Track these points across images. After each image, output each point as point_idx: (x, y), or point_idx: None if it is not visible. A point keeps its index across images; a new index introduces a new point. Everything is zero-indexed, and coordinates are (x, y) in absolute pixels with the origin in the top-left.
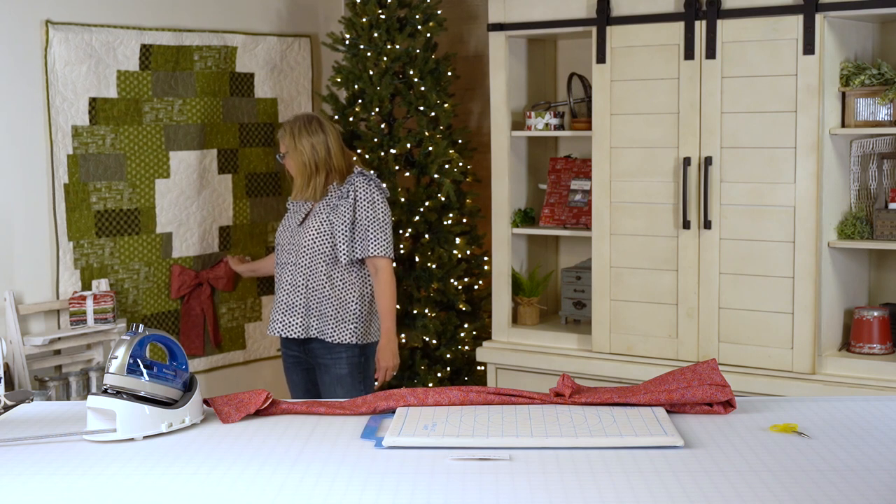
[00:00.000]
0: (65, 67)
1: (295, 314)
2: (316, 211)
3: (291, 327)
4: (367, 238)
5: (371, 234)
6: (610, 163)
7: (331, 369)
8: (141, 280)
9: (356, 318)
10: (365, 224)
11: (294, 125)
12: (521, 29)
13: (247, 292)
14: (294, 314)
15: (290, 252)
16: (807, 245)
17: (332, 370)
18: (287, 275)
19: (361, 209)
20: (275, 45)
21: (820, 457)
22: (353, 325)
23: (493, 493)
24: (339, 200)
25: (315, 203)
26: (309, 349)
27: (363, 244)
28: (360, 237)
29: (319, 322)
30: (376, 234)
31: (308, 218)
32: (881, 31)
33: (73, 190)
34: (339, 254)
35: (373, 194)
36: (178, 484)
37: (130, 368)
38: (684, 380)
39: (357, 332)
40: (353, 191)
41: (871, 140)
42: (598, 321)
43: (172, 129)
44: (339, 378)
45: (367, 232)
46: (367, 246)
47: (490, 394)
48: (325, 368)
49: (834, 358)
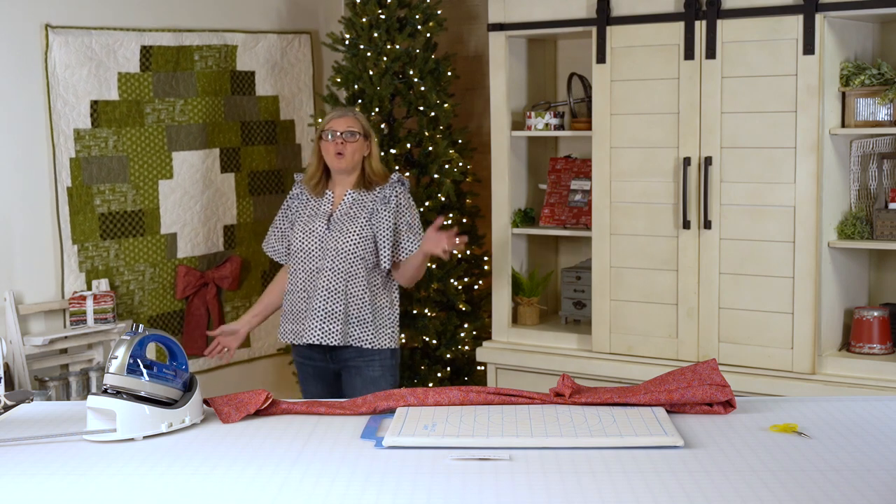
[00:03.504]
0: (65, 71)
1: (334, 321)
2: (346, 214)
3: (331, 335)
4: (411, 242)
5: (413, 238)
6: (610, 163)
7: (363, 371)
8: (146, 281)
9: (391, 322)
10: (405, 229)
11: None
12: (521, 29)
13: (251, 291)
14: (334, 321)
15: (322, 257)
16: (807, 245)
17: (365, 372)
18: (323, 281)
19: (403, 215)
20: (275, 43)
21: (820, 457)
22: (390, 329)
23: (493, 493)
24: (379, 205)
25: (334, 205)
26: (337, 355)
27: (406, 247)
28: (404, 241)
29: (359, 329)
30: (417, 237)
31: (338, 221)
32: (881, 31)
33: (77, 193)
34: (381, 259)
35: (410, 200)
36: (178, 484)
37: (130, 368)
38: (684, 380)
39: (392, 336)
40: (394, 196)
41: (871, 140)
42: (598, 321)
43: (174, 129)
44: (373, 380)
45: (409, 236)
46: (411, 249)
47: (490, 394)
48: (355, 371)
49: (834, 358)
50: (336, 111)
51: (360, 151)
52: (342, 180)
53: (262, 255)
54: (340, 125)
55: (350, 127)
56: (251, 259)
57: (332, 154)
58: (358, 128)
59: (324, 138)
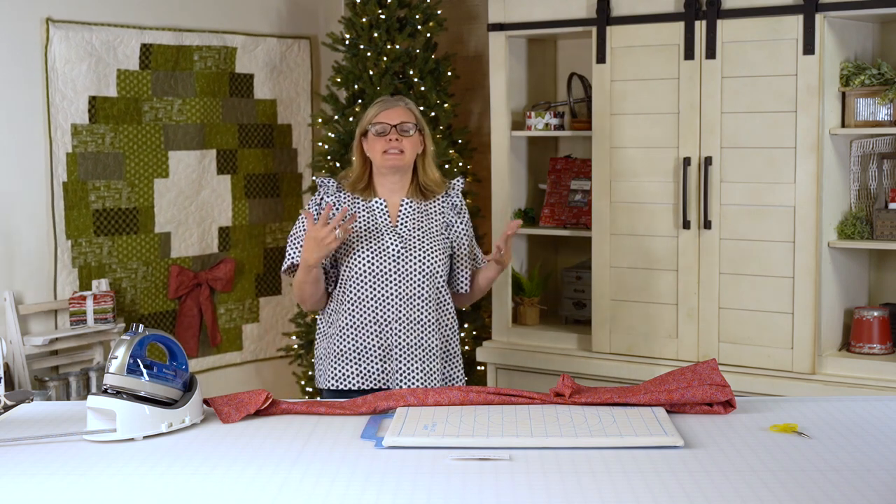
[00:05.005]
0: (65, 66)
1: (433, 359)
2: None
3: (431, 375)
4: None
5: (479, 252)
6: (610, 163)
7: None
8: (139, 280)
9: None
10: (475, 242)
11: (416, 107)
12: (521, 29)
13: (245, 293)
14: (432, 359)
15: (402, 283)
16: (807, 245)
17: None
18: (413, 311)
19: (470, 226)
20: (274, 47)
21: (820, 457)
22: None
23: (494, 493)
24: (450, 215)
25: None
26: None
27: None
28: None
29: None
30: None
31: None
32: (881, 31)
33: (72, 188)
34: (459, 280)
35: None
36: (178, 484)
37: (130, 368)
38: (684, 380)
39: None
40: (459, 203)
41: (871, 140)
42: (598, 321)
43: (172, 128)
44: None
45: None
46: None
47: (490, 394)
48: None
49: (834, 358)
50: (384, 101)
51: (416, 149)
52: (392, 185)
53: (256, 258)
54: (392, 117)
55: (404, 119)
56: (245, 262)
57: (381, 153)
58: (413, 120)
59: (371, 133)
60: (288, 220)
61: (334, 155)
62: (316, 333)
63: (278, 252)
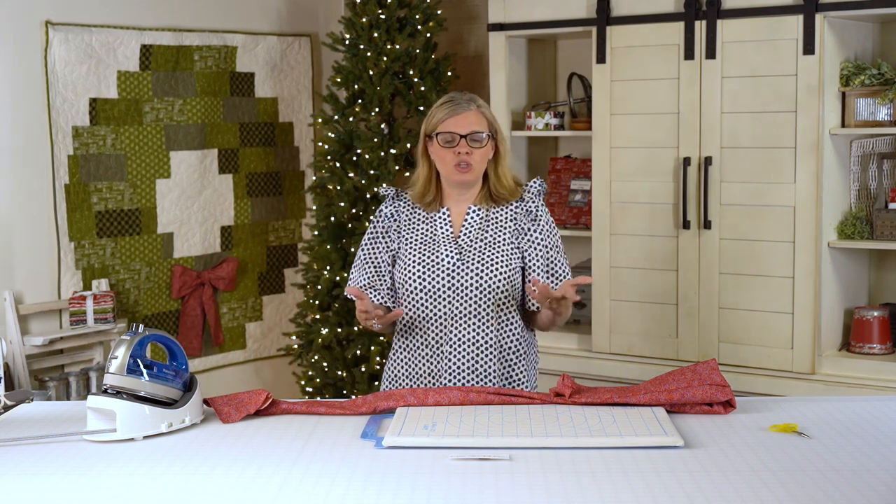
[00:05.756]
0: (65, 68)
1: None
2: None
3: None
4: (565, 269)
5: (566, 264)
6: (610, 163)
7: None
8: (142, 280)
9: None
10: (556, 253)
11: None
12: (521, 29)
13: (248, 292)
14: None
15: (456, 299)
16: (807, 245)
17: None
18: (469, 332)
19: (551, 234)
20: (275, 45)
21: (820, 457)
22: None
23: (494, 493)
24: (524, 222)
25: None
26: None
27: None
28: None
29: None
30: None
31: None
32: (881, 31)
33: (74, 190)
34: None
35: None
36: (178, 484)
37: (130, 368)
38: (684, 380)
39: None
40: (535, 209)
41: (871, 140)
42: (598, 321)
43: (173, 129)
44: None
45: (563, 262)
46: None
47: (490, 394)
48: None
49: (834, 358)
50: (453, 101)
51: (487, 157)
52: (461, 194)
53: (259, 256)
54: (462, 126)
55: (475, 128)
56: (248, 261)
57: (450, 165)
58: (485, 127)
59: (437, 142)
60: (290, 218)
61: (334, 155)
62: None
63: (281, 250)
